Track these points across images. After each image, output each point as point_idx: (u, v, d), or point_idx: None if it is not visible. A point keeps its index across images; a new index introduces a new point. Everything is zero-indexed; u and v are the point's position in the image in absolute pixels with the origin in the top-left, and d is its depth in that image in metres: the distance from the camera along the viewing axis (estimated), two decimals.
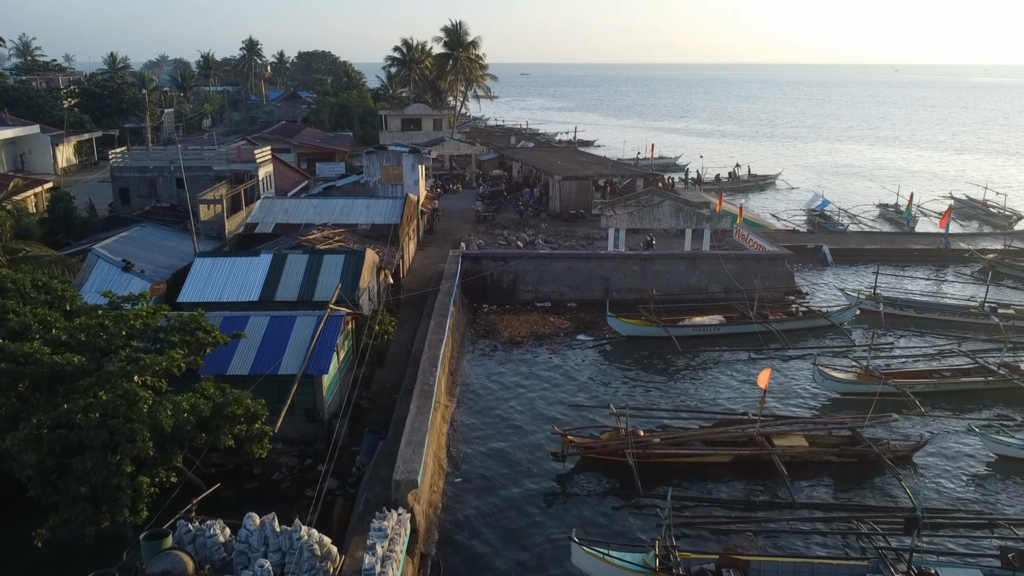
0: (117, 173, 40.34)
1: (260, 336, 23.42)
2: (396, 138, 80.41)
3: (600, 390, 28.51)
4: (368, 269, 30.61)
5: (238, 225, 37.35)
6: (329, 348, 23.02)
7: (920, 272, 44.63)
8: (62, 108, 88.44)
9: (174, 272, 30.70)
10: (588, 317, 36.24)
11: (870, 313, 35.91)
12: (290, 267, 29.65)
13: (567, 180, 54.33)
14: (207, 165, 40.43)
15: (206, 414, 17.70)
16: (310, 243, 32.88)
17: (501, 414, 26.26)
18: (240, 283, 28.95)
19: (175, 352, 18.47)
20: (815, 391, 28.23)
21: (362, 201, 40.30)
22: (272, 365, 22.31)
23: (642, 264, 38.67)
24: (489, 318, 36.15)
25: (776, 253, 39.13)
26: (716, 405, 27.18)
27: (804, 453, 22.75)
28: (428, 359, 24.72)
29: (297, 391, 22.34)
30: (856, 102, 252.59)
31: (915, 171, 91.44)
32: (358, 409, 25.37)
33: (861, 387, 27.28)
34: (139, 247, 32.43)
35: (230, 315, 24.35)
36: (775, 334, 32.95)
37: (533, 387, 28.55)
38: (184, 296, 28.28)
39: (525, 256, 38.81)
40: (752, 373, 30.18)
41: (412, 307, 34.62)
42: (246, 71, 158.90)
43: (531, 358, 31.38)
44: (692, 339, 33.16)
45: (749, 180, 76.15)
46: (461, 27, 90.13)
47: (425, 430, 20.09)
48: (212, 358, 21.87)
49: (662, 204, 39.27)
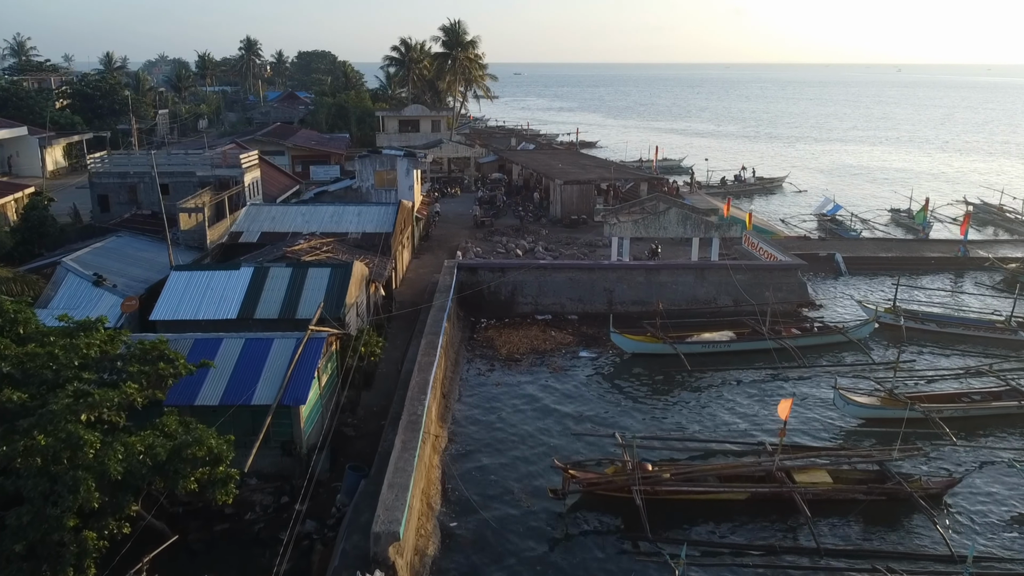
0: (96, 179, 38.38)
1: (233, 361, 21.48)
2: (393, 140, 78.56)
3: (603, 414, 26.55)
4: (356, 283, 28.67)
5: (221, 234, 35.41)
6: (308, 375, 21.06)
7: (938, 282, 42.59)
8: (54, 109, 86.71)
9: (149, 286, 28.77)
10: (591, 331, 34.28)
11: (889, 327, 33.90)
12: (272, 282, 27.73)
13: (569, 184, 52.36)
14: (191, 170, 38.47)
15: (162, 457, 15.76)
16: (295, 254, 30.94)
17: (497, 443, 24.30)
18: (218, 299, 27.04)
19: (128, 386, 16.50)
20: (836, 416, 26.24)
21: (353, 208, 38.33)
22: (245, 394, 20.36)
23: (647, 275, 36.68)
24: (486, 333, 34.19)
25: (788, 263, 37.11)
26: (730, 432, 25.20)
27: (828, 491, 20.75)
28: (417, 385, 22.76)
29: (272, 422, 20.42)
30: (859, 102, 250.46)
31: (923, 173, 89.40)
32: (342, 438, 23.46)
33: (886, 412, 25.32)
34: (113, 259, 30.50)
35: (202, 337, 22.41)
36: (789, 351, 30.97)
37: (532, 411, 26.59)
38: (157, 313, 26.38)
39: (524, 267, 36.85)
40: (767, 394, 28.25)
41: (405, 320, 32.70)
42: (244, 71, 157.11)
43: (530, 378, 29.42)
44: (701, 356, 31.20)
45: (755, 183, 74.05)
46: (459, 26, 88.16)
47: (410, 470, 18.14)
48: (179, 386, 19.94)
49: (668, 212, 37.27)
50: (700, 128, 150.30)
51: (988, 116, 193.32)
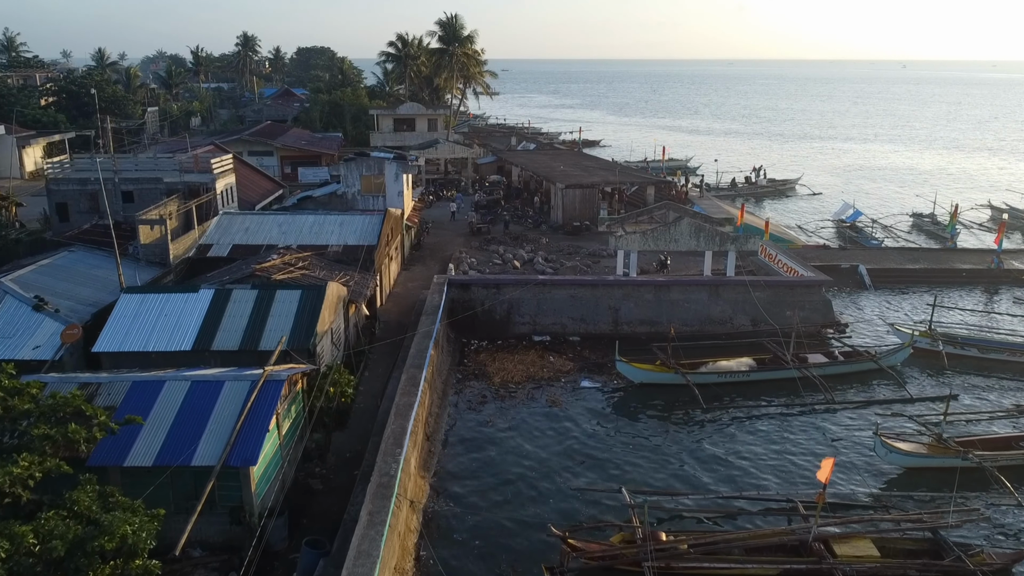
0: (53, 186, 35.14)
1: (175, 410, 18.25)
2: (388, 139, 75.27)
3: (607, 458, 23.33)
4: (330, 307, 25.48)
5: (188, 247, 32.21)
6: (261, 428, 17.84)
7: (972, 297, 39.19)
8: (37, 107, 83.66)
9: (98, 310, 25.57)
10: (594, 356, 31.04)
11: (925, 353, 30.62)
12: (234, 306, 24.57)
13: (571, 188, 49.07)
14: (157, 176, 35.24)
15: (60, 553, 12.60)
16: (265, 272, 27.72)
17: (486, 498, 21.08)
18: (172, 327, 23.87)
19: (13, 467, 13.31)
20: (876, 461, 22.96)
21: (334, 218, 35.06)
22: (184, 452, 17.15)
23: (656, 292, 33.40)
24: (479, 357, 30.96)
25: (813, 279, 33.78)
26: (754, 484, 21.94)
27: (875, 567, 17.47)
28: (393, 435, 19.53)
29: (218, 485, 17.24)
30: (865, 99, 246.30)
31: (936, 172, 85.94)
32: (306, 493, 20.30)
33: (934, 461, 22.10)
34: (61, 278, 27.32)
35: (141, 380, 19.19)
36: (815, 382, 27.70)
37: (526, 455, 23.37)
38: (101, 344, 23.22)
39: (522, 283, 33.58)
40: (793, 433, 25.00)
41: (389, 343, 29.48)
42: (241, 67, 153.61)
43: (525, 414, 26.17)
44: (716, 387, 27.96)
45: (767, 185, 70.55)
46: (456, 20, 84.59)
47: (376, 553, 14.94)
48: (108, 442, 16.80)
49: (680, 223, 33.96)
50: (705, 126, 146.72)
51: (995, 113, 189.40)
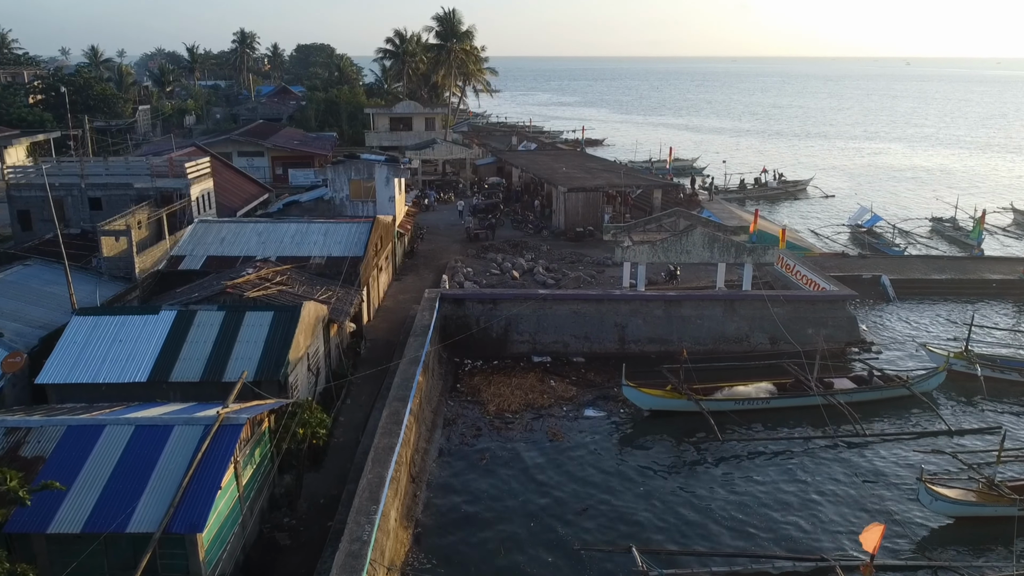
0: (15, 192, 32.59)
1: (113, 461, 15.68)
2: (384, 139, 72.73)
3: (613, 502, 20.78)
4: (306, 330, 22.91)
5: (158, 259, 29.61)
6: (212, 485, 15.25)
7: (1003, 311, 36.49)
8: (23, 105, 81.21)
9: (48, 334, 22.97)
10: (599, 379, 28.48)
11: (960, 376, 28.00)
12: (197, 331, 21.99)
13: (573, 191, 46.47)
14: (127, 182, 32.69)
15: None
16: (237, 289, 25.14)
17: (476, 556, 18.54)
18: (127, 354, 21.31)
19: None
20: (918, 508, 20.39)
21: (319, 226, 32.46)
22: (120, 516, 14.57)
23: (666, 308, 30.81)
24: (473, 380, 28.38)
25: (837, 294, 31.16)
26: (781, 534, 19.37)
27: None
28: (369, 487, 16.94)
29: (161, 553, 14.72)
30: (871, 96, 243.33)
31: (951, 171, 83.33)
32: (271, 551, 17.74)
33: (986, 511, 19.52)
34: (11, 296, 24.73)
35: (77, 423, 16.60)
36: (842, 410, 25.11)
37: (523, 501, 20.81)
38: (46, 375, 20.65)
39: (520, 298, 31.01)
40: (820, 470, 22.42)
41: (374, 364, 26.89)
42: (238, 65, 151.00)
43: (524, 446, 23.62)
44: (733, 415, 25.40)
45: (778, 187, 67.81)
46: (454, 16, 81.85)
47: None
48: (31, 503, 14.27)
49: (691, 233, 31.33)
50: (710, 124, 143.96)
51: (1002, 110, 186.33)
